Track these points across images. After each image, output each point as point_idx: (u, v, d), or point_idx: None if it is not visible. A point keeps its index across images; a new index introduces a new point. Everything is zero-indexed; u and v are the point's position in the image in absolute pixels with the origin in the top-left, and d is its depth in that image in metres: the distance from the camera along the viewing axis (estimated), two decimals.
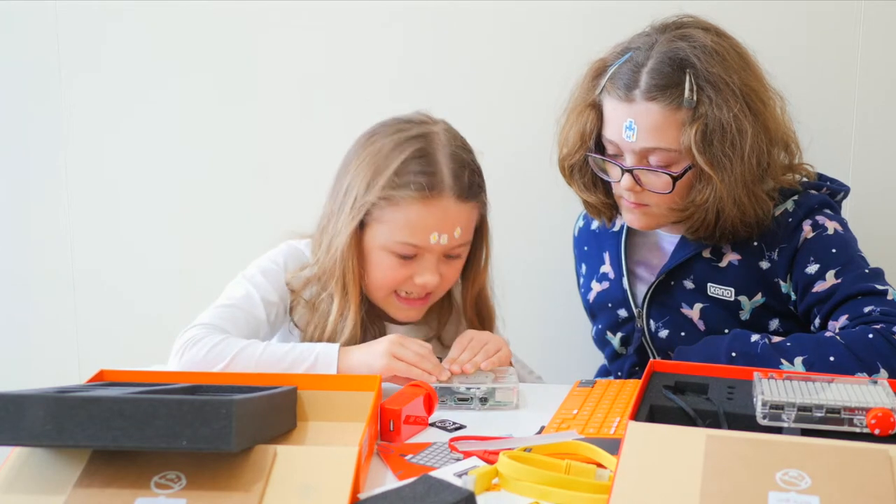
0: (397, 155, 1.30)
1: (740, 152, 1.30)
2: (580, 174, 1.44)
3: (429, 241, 1.31)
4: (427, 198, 1.29)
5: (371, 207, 1.31)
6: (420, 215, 1.30)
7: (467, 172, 1.33)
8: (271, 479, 0.84)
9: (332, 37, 1.88)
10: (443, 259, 1.35)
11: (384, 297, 1.37)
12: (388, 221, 1.31)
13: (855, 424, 0.91)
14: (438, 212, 1.30)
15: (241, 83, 1.93)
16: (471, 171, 1.34)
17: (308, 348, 1.25)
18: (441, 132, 1.35)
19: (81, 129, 1.98)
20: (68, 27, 1.94)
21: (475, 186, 1.35)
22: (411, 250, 1.32)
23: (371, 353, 1.24)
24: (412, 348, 1.24)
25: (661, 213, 1.38)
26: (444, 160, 1.31)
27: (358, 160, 1.34)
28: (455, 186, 1.31)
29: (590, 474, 0.93)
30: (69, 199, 2.00)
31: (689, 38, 1.33)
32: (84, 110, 1.97)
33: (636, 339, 1.49)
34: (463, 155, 1.34)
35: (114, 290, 2.02)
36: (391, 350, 1.23)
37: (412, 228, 1.30)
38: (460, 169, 1.32)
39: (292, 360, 1.23)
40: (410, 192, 1.29)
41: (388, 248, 1.32)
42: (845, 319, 1.29)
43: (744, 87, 1.31)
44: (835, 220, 1.38)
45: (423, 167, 1.30)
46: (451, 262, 1.36)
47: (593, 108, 1.39)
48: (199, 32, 1.92)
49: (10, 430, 0.81)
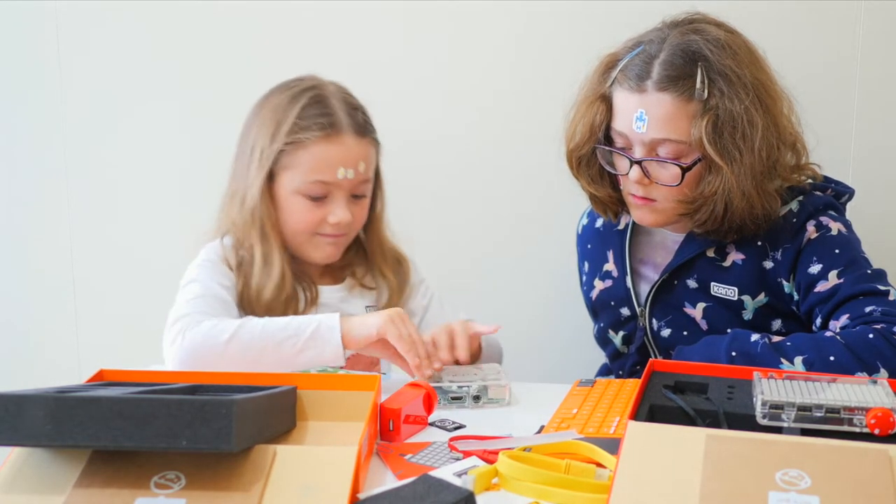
0: (295, 104, 1.42)
1: (750, 144, 1.30)
2: (588, 167, 1.44)
3: (336, 177, 1.40)
4: (330, 136, 1.40)
5: (278, 155, 1.41)
6: (326, 152, 1.40)
7: (359, 112, 1.45)
8: (271, 479, 0.84)
9: (333, 35, 1.88)
10: (350, 199, 1.44)
11: (305, 241, 1.45)
12: (296, 166, 1.41)
13: (855, 424, 0.91)
14: (342, 148, 1.41)
15: (241, 83, 1.92)
16: (362, 111, 1.46)
17: (307, 318, 1.30)
18: (328, 83, 1.47)
19: (82, 131, 1.98)
20: (68, 27, 1.94)
21: (368, 124, 1.46)
22: (322, 189, 1.41)
23: (372, 315, 1.29)
24: (411, 326, 1.29)
25: (669, 207, 1.38)
26: (338, 104, 1.43)
27: (258, 119, 1.45)
28: (352, 124, 1.42)
29: (589, 474, 0.93)
30: (69, 199, 2.00)
31: (701, 31, 1.34)
32: (84, 111, 1.97)
33: (638, 338, 1.49)
34: (353, 100, 1.47)
35: (114, 290, 2.02)
36: (392, 315, 1.28)
37: (320, 166, 1.40)
38: (353, 109, 1.44)
39: (296, 328, 1.27)
40: (314, 132, 1.40)
41: (300, 190, 1.41)
42: (846, 319, 1.29)
43: (755, 81, 1.32)
44: (839, 222, 1.38)
45: (321, 110, 1.41)
46: (358, 201, 1.46)
47: (603, 101, 1.39)
48: (200, 32, 1.92)
49: (10, 430, 0.81)
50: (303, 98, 1.42)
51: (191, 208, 1.98)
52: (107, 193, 2.00)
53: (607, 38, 1.43)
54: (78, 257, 2.02)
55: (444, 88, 1.86)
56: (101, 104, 1.96)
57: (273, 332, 1.26)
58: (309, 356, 1.26)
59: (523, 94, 1.85)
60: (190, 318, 1.28)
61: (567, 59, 1.46)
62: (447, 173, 1.87)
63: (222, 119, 1.93)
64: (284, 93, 1.44)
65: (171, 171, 1.97)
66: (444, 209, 1.87)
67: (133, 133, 1.97)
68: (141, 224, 1.99)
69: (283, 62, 1.89)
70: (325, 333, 1.26)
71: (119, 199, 2.00)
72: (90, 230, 2.01)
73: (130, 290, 2.01)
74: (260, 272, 1.41)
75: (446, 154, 1.87)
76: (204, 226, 1.96)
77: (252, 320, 1.29)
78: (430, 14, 1.85)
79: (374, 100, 1.75)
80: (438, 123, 1.84)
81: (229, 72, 1.92)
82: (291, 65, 1.89)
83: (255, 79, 1.91)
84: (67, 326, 2.05)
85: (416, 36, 1.86)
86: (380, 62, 1.87)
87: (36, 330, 2.07)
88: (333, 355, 1.26)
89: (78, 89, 1.96)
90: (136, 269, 2.01)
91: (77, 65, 1.95)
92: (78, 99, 1.96)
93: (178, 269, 1.98)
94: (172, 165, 1.97)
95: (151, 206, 1.99)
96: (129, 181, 1.99)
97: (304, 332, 1.26)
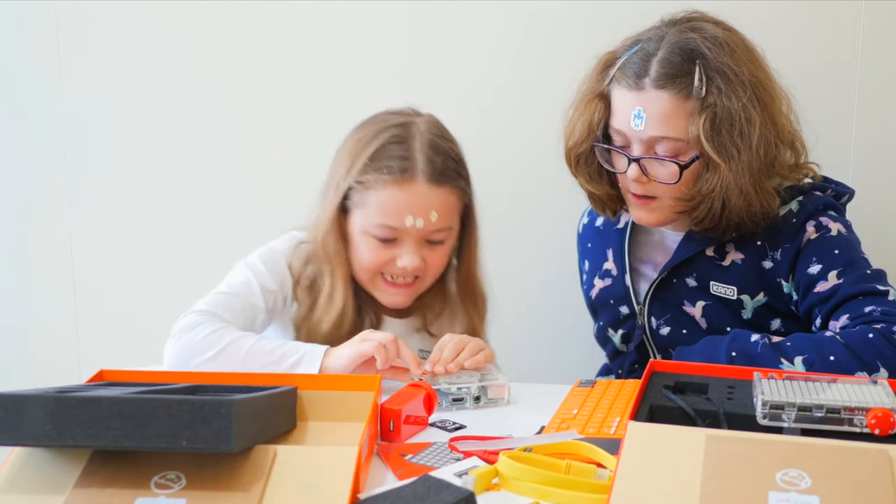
0: (375, 142, 1.37)
1: (748, 142, 1.30)
2: (586, 165, 1.44)
3: (404, 224, 1.36)
4: (399, 181, 1.35)
5: (349, 192, 1.38)
6: (393, 198, 1.35)
7: (442, 158, 1.38)
8: (271, 479, 0.84)
9: (333, 34, 1.88)
10: (424, 245, 1.40)
11: (370, 280, 1.42)
12: (365, 206, 1.37)
13: (855, 424, 0.91)
14: (411, 195, 1.35)
15: (241, 84, 1.93)
16: (446, 157, 1.39)
17: (297, 345, 1.29)
18: (422, 122, 1.41)
19: (81, 131, 1.98)
20: (68, 27, 1.94)
21: (450, 171, 1.39)
22: (389, 233, 1.37)
23: (344, 344, 1.28)
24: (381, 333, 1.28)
25: (668, 205, 1.38)
26: (420, 146, 1.37)
27: (343, 149, 1.42)
28: (427, 170, 1.36)
29: (590, 474, 0.93)
30: (69, 199, 2.01)
31: (699, 29, 1.34)
32: (84, 111, 1.97)
33: (637, 337, 1.49)
34: (440, 142, 1.39)
35: (114, 290, 2.02)
36: (360, 335, 1.27)
37: (386, 211, 1.36)
38: (435, 154, 1.37)
39: (280, 354, 1.26)
40: (384, 175, 1.35)
41: (368, 231, 1.38)
42: (846, 319, 1.29)
43: (752, 79, 1.32)
44: (838, 222, 1.38)
45: (398, 152, 1.36)
46: (434, 248, 1.41)
47: (601, 99, 1.39)
48: (200, 32, 1.92)
49: (10, 430, 0.81)
50: (384, 135, 1.37)
51: (191, 208, 1.99)
52: (107, 193, 2.00)
53: (608, 36, 1.43)
54: (78, 257, 2.02)
55: (444, 88, 1.86)
56: (101, 104, 1.96)
57: (257, 356, 1.26)
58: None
59: (523, 92, 1.85)
60: (198, 315, 1.30)
61: (568, 57, 1.46)
62: None
63: (222, 119, 1.94)
64: (372, 126, 1.40)
65: (170, 171, 1.97)
66: None
67: (133, 133, 1.97)
68: (141, 224, 2.00)
69: (283, 62, 1.90)
70: (305, 367, 1.26)
71: (119, 199, 2.00)
72: (90, 230, 2.01)
73: (130, 290, 2.01)
74: (324, 304, 1.40)
75: None
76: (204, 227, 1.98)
77: (244, 339, 1.28)
78: (429, 14, 1.85)
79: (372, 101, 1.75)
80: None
81: (229, 72, 1.92)
82: (291, 64, 1.90)
83: (255, 79, 1.92)
84: (67, 326, 2.05)
85: (416, 36, 1.87)
86: (378, 63, 1.87)
87: (36, 330, 2.07)
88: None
89: (78, 89, 1.96)
90: (135, 270, 2.01)
91: (77, 65, 1.95)
92: (78, 99, 1.96)
93: (177, 269, 1.99)
94: (172, 165, 1.97)
95: (151, 206, 1.99)
96: (129, 181, 1.99)
97: (284, 362, 1.26)
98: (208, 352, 1.25)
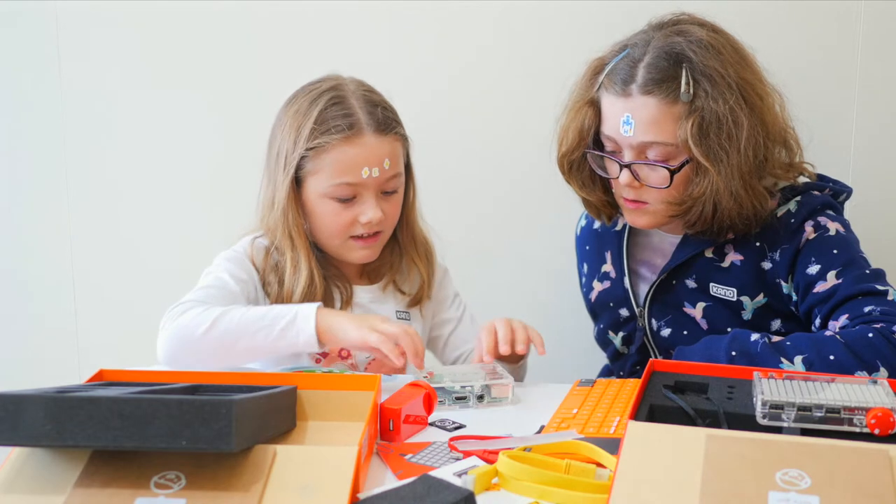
0: (314, 108, 1.41)
1: (736, 144, 1.30)
2: (579, 171, 1.45)
3: (361, 177, 1.39)
4: (350, 137, 1.39)
5: (301, 161, 1.41)
6: (348, 155, 1.39)
7: (381, 109, 1.43)
8: (271, 479, 0.84)
9: (333, 35, 1.88)
10: (381, 196, 1.43)
11: (339, 245, 1.45)
12: (320, 170, 1.40)
13: (855, 424, 0.91)
14: (364, 148, 1.39)
15: (240, 84, 1.93)
16: (384, 107, 1.44)
17: (288, 306, 1.32)
18: (350, 81, 1.46)
19: (81, 131, 1.98)
20: (68, 27, 1.94)
21: (390, 120, 1.44)
22: (348, 190, 1.40)
23: (353, 320, 1.29)
24: (395, 324, 1.29)
25: (660, 209, 1.38)
26: (357, 102, 1.42)
27: (281, 124, 1.45)
28: (373, 122, 1.41)
29: (590, 474, 0.93)
30: (69, 199, 2.00)
31: (685, 33, 1.34)
32: (84, 112, 1.97)
33: (638, 339, 1.49)
34: (373, 96, 1.45)
35: (114, 289, 2.02)
36: (371, 322, 1.28)
37: (344, 168, 1.39)
38: (373, 107, 1.42)
39: (273, 316, 1.29)
40: (334, 135, 1.39)
41: (327, 193, 1.41)
42: (845, 319, 1.29)
43: (740, 81, 1.32)
44: (837, 222, 1.38)
45: (340, 111, 1.40)
46: (388, 197, 1.44)
47: (591, 105, 1.39)
48: (200, 32, 1.92)
49: (10, 430, 0.81)
50: (321, 101, 1.41)
51: (190, 208, 1.99)
52: (106, 193, 2.00)
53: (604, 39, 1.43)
54: (78, 257, 2.02)
55: (443, 91, 1.86)
56: (101, 104, 1.96)
57: (251, 321, 1.29)
58: (283, 345, 1.29)
59: (521, 94, 1.85)
60: (185, 304, 1.33)
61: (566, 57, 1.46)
62: (445, 176, 1.87)
63: (222, 119, 1.94)
64: (305, 96, 1.44)
65: (170, 170, 1.97)
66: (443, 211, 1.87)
67: (133, 133, 1.97)
68: (141, 224, 2.00)
69: (283, 62, 1.90)
70: (300, 323, 1.28)
71: (119, 199, 2.00)
72: (90, 230, 2.01)
73: (130, 290, 2.01)
74: (290, 278, 1.42)
75: (444, 156, 1.86)
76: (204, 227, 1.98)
77: (235, 308, 1.31)
78: (422, 18, 1.86)
79: None
80: (437, 125, 1.84)
81: (229, 72, 1.92)
82: (291, 64, 1.89)
83: (254, 79, 1.92)
84: (67, 326, 2.05)
85: (408, 40, 1.87)
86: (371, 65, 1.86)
87: (36, 330, 2.07)
88: (307, 345, 1.28)
89: (78, 89, 1.96)
90: (135, 269, 2.01)
91: (77, 65, 1.95)
92: (78, 99, 1.96)
93: (177, 269, 1.99)
94: (172, 165, 1.97)
95: (151, 206, 1.99)
96: (129, 181, 1.99)
97: (279, 322, 1.28)
98: (202, 326, 1.28)
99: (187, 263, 1.98)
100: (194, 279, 1.96)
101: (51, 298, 2.04)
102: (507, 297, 1.88)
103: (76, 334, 2.05)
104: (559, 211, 1.72)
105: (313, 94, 1.43)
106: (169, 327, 1.30)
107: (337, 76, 1.47)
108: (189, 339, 1.28)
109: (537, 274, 1.89)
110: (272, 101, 1.91)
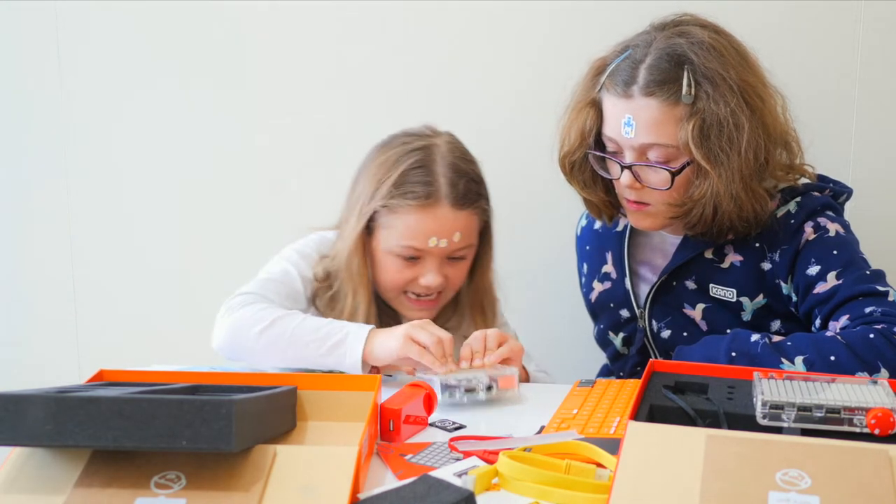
0: (399, 166, 1.39)
1: (737, 147, 1.30)
2: (580, 171, 1.45)
3: (428, 245, 1.39)
4: (424, 206, 1.38)
5: (374, 214, 1.41)
6: (418, 222, 1.39)
7: (464, 181, 1.41)
8: (271, 479, 0.84)
9: (334, 35, 1.88)
10: (446, 261, 1.43)
11: (395, 298, 1.46)
12: (390, 227, 1.40)
13: (855, 424, 0.91)
14: (435, 219, 1.39)
15: (242, 84, 1.93)
16: (468, 179, 1.42)
17: (342, 325, 1.32)
18: (442, 144, 1.43)
19: (81, 131, 1.98)
20: (68, 27, 1.94)
21: (472, 194, 1.42)
22: (413, 252, 1.40)
23: (392, 334, 1.28)
24: (430, 330, 1.28)
25: (661, 211, 1.38)
26: (442, 170, 1.40)
27: (367, 170, 1.44)
28: (451, 195, 1.39)
29: (590, 474, 0.93)
30: (69, 199, 2.00)
31: (686, 34, 1.33)
32: (84, 112, 1.97)
33: (638, 340, 1.49)
34: (461, 165, 1.42)
35: (114, 290, 2.02)
36: (409, 332, 1.27)
37: (411, 234, 1.39)
38: (457, 178, 1.40)
39: (326, 332, 1.29)
40: (408, 200, 1.38)
41: (392, 251, 1.41)
42: (846, 320, 1.29)
43: (741, 83, 1.31)
44: (836, 222, 1.38)
45: (421, 177, 1.39)
46: (455, 263, 1.44)
47: (593, 106, 1.39)
48: (200, 32, 1.92)
49: (10, 430, 0.81)
50: (407, 160, 1.39)
51: (191, 208, 1.99)
52: (107, 193, 2.00)
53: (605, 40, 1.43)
54: (78, 257, 2.02)
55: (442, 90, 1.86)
56: (101, 104, 1.96)
57: (304, 332, 1.30)
58: (329, 362, 1.29)
59: (523, 93, 1.85)
60: (249, 296, 1.35)
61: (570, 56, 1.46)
62: None
63: (222, 118, 1.94)
64: (395, 149, 1.42)
65: (170, 170, 1.97)
66: None
67: (133, 133, 1.97)
68: (141, 224, 2.00)
69: (283, 62, 1.90)
70: (351, 343, 1.28)
71: (119, 199, 2.00)
72: (90, 230, 2.01)
73: (130, 290, 2.01)
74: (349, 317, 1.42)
75: None
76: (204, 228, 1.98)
77: (293, 315, 1.32)
78: (422, 18, 1.85)
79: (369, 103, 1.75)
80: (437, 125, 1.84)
81: (229, 71, 1.92)
82: (291, 64, 1.90)
83: (254, 78, 1.92)
84: (67, 326, 2.05)
85: (408, 41, 1.86)
86: (376, 65, 1.87)
87: (36, 330, 2.07)
88: (352, 366, 1.28)
89: (78, 89, 1.96)
90: (136, 270, 2.01)
91: (77, 65, 1.95)
92: (78, 99, 1.96)
93: (177, 270, 1.99)
94: (172, 165, 1.97)
95: (151, 206, 1.99)
96: (129, 181, 1.99)
97: (330, 339, 1.29)
98: (260, 324, 1.30)
99: (187, 263, 1.99)
100: (194, 279, 1.97)
101: (51, 299, 2.04)
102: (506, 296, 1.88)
103: (76, 334, 2.05)
104: (559, 211, 1.72)
105: (403, 150, 1.41)
106: (227, 318, 1.32)
107: (434, 132, 1.46)
108: (244, 335, 1.30)
109: (537, 274, 1.89)
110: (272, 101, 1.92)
